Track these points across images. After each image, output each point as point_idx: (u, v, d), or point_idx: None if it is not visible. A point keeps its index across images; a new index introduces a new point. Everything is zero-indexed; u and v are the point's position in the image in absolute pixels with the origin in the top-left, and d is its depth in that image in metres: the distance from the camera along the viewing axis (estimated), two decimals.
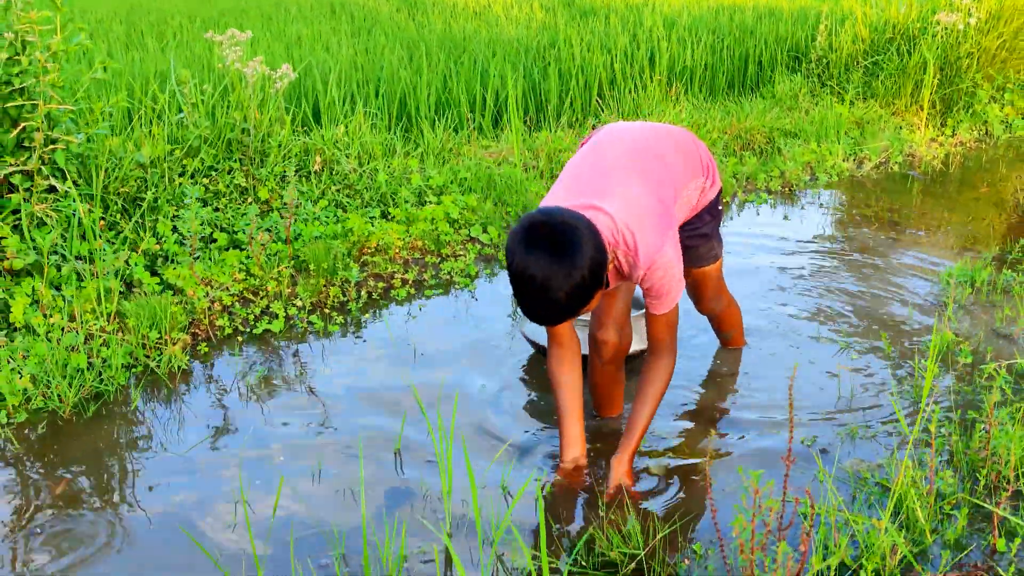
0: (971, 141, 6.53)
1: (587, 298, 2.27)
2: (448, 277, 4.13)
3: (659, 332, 2.58)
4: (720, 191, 2.90)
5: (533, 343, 3.29)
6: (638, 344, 3.17)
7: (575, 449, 2.64)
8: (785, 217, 5.02)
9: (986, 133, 6.71)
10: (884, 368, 3.28)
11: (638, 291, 3.32)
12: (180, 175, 4.32)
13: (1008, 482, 2.49)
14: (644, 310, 2.62)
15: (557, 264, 2.19)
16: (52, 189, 3.76)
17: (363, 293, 3.89)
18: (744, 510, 1.81)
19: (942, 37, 6.70)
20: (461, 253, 4.30)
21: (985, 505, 2.39)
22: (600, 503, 2.48)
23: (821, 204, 5.26)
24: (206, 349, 3.44)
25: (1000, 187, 5.64)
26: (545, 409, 3.06)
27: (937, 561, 2.28)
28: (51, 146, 3.68)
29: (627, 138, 2.68)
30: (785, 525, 1.98)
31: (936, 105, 6.69)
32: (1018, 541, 2.30)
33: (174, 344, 3.36)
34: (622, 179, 2.50)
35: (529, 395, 3.17)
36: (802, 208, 5.17)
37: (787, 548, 1.79)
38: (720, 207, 2.95)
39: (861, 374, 3.26)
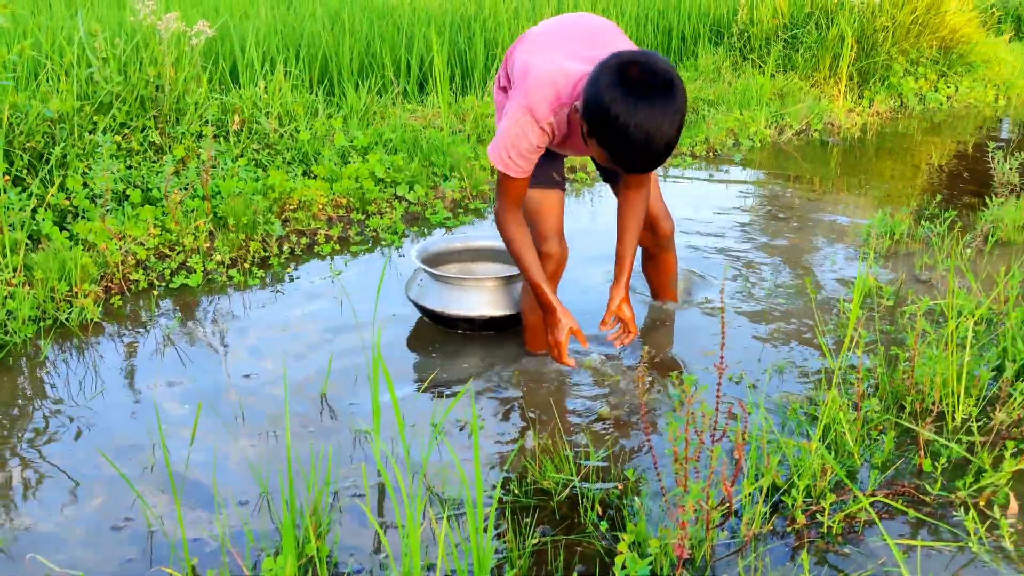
0: (887, 112, 6.69)
1: None
2: (374, 234, 4.04)
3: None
4: None
5: (419, 306, 3.12)
6: (508, 309, 3.07)
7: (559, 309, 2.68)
8: (710, 179, 5.05)
9: (901, 105, 6.88)
10: (809, 311, 3.32)
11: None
12: (90, 132, 4.14)
13: (933, 404, 2.53)
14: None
15: (683, 98, 2.18)
16: None
17: (285, 248, 3.78)
18: (678, 419, 1.79)
19: (859, 11, 6.84)
20: (387, 210, 4.22)
21: (911, 426, 2.42)
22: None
23: (744, 167, 5.31)
24: (119, 302, 3.29)
25: (915, 153, 5.79)
26: (460, 360, 3.01)
27: (866, 482, 2.30)
28: None
29: (592, 20, 2.67)
30: (718, 436, 1.97)
31: (853, 77, 6.83)
32: (943, 461, 2.34)
33: (85, 296, 3.21)
34: (611, 41, 2.51)
35: (449, 346, 3.11)
36: (726, 171, 5.22)
37: (721, 452, 1.77)
38: None
39: (787, 317, 3.29)
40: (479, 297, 3.03)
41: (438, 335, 3.13)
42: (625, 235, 2.75)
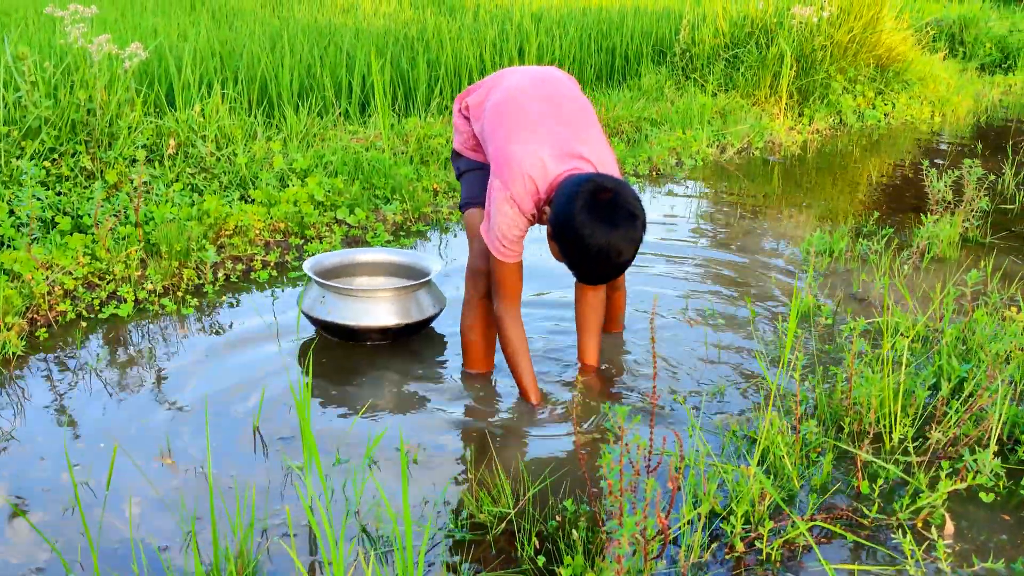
0: (826, 129, 6.79)
1: None
2: None
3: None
4: None
5: (323, 321, 3.11)
6: (398, 319, 3.11)
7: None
8: (653, 199, 5.07)
9: (840, 122, 6.98)
10: (749, 332, 3.32)
11: (403, 259, 3.41)
12: (17, 157, 4.02)
13: (871, 425, 2.53)
14: (418, 282, 3.05)
15: (643, 228, 2.40)
16: None
17: (220, 275, 3.69)
18: (612, 449, 1.76)
19: (797, 31, 6.94)
20: (327, 235, 4.15)
21: (849, 448, 2.41)
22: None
23: (687, 186, 5.34)
24: (45, 335, 3.18)
25: (854, 170, 5.87)
26: (397, 384, 2.95)
27: (805, 506, 2.29)
28: None
29: (566, 91, 2.73)
30: (653, 466, 1.93)
31: (794, 95, 6.92)
32: (880, 482, 2.34)
33: (8, 329, 3.09)
34: (585, 129, 2.63)
35: (384, 374, 3.05)
36: (669, 190, 5.24)
37: (655, 484, 1.74)
38: None
39: (727, 338, 3.28)
40: (390, 307, 3.09)
41: (375, 359, 3.07)
42: (587, 336, 2.93)
